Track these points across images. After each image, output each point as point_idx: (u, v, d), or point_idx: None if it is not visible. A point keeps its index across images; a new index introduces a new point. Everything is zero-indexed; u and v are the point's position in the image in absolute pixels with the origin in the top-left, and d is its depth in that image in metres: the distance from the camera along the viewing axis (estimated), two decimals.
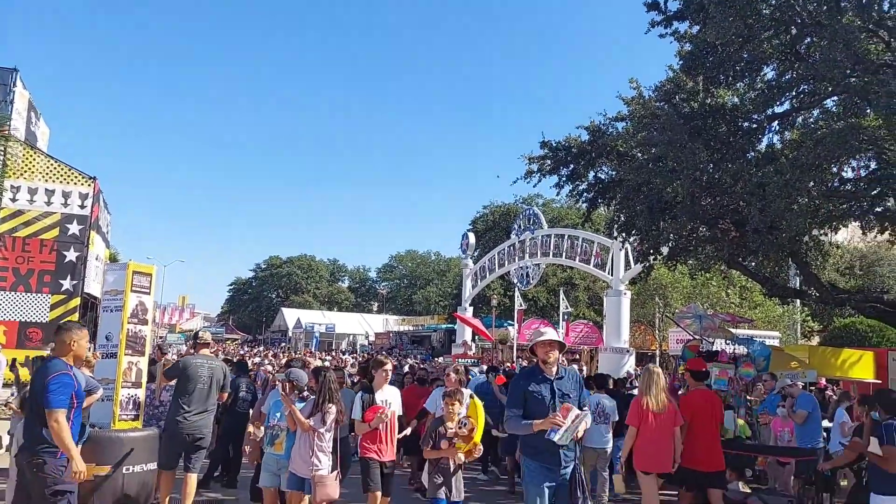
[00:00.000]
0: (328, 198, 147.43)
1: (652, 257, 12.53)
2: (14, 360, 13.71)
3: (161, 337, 39.48)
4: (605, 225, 13.35)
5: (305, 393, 6.56)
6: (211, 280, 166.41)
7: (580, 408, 5.14)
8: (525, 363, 19.78)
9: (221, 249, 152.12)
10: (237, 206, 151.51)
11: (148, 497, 6.99)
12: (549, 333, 5.34)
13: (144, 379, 7.59)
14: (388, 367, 7.11)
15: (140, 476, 6.82)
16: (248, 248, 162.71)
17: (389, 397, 6.94)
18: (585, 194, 12.62)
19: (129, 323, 7.35)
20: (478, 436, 6.34)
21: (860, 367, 12.75)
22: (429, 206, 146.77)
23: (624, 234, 12.37)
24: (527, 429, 5.01)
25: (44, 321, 16.99)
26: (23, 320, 17.01)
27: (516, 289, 31.97)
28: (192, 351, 9.74)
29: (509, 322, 37.48)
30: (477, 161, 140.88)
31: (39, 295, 17.26)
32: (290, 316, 66.19)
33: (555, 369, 5.14)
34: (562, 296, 34.08)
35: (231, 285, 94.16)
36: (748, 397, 11.43)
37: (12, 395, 11.25)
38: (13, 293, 16.99)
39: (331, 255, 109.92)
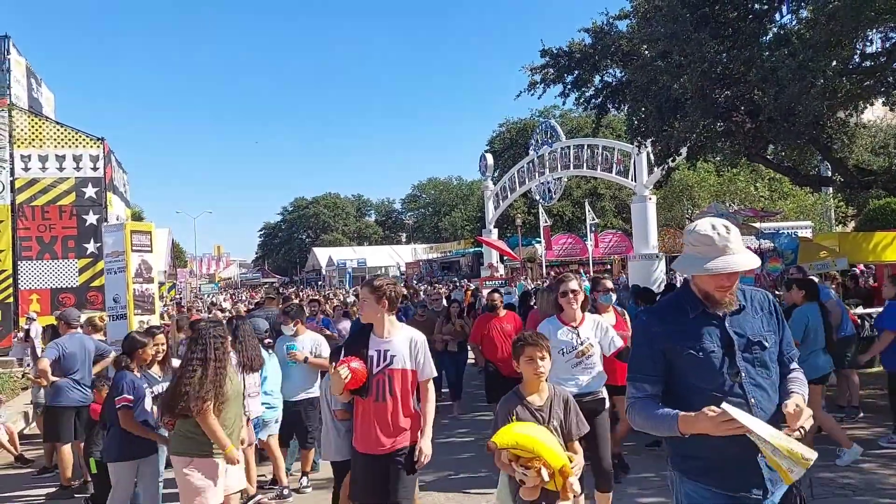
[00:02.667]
0: (347, 134, 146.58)
1: (670, 159, 12.07)
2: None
3: (196, 288, 40.20)
4: (625, 130, 12.81)
5: (267, 341, 6.39)
6: (242, 227, 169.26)
7: (786, 366, 2.63)
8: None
9: (249, 196, 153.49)
10: (259, 152, 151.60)
11: None
12: (735, 261, 2.52)
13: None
14: (365, 291, 4.07)
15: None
16: (274, 192, 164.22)
17: (394, 347, 4.02)
18: (593, 100, 12.09)
19: (134, 283, 7.33)
20: (558, 463, 3.25)
21: (893, 248, 12.31)
22: (446, 131, 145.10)
23: (639, 138, 11.90)
24: (670, 426, 2.46)
25: (74, 286, 17.23)
26: (54, 287, 17.28)
27: (540, 205, 31.59)
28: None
29: (536, 239, 37.31)
30: (488, 80, 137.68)
31: (66, 261, 17.43)
32: (322, 255, 66.93)
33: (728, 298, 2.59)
34: (587, 207, 33.62)
35: (261, 230, 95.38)
36: (776, 292, 11.16)
37: (28, 364, 11.46)
38: (41, 261, 17.21)
39: (354, 191, 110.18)
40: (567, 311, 4.94)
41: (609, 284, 6.25)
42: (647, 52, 10.66)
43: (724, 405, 2.30)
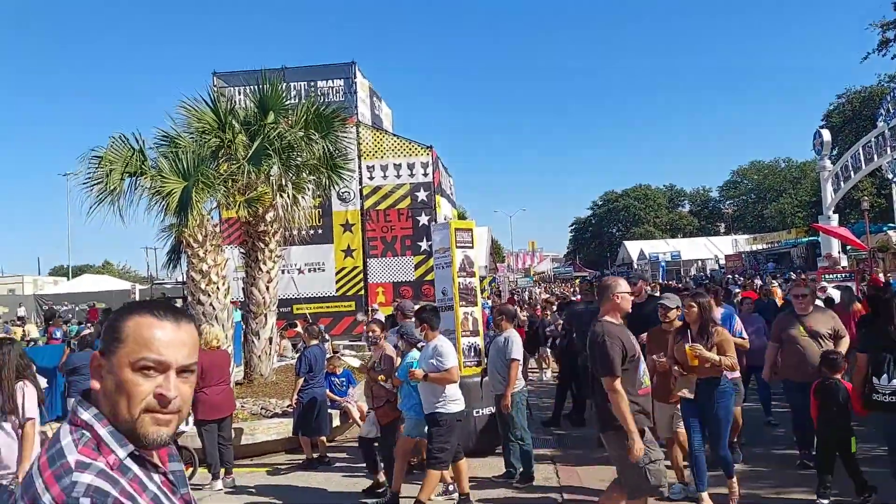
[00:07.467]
0: (655, 122, 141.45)
1: None
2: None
3: (513, 281, 42.28)
4: None
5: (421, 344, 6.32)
6: (554, 223, 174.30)
7: None
8: None
9: (559, 192, 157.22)
10: (568, 149, 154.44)
11: (492, 438, 7.47)
12: None
13: (481, 328, 8.09)
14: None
15: (487, 418, 7.36)
16: (583, 188, 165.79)
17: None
18: None
19: (458, 277, 7.87)
20: None
21: None
22: (768, 109, 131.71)
23: None
24: None
25: (411, 280, 19.38)
26: (395, 281, 19.59)
27: (893, 185, 27.02)
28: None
29: (889, 225, 31.97)
30: (821, 46, 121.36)
31: (404, 258, 19.66)
32: (633, 248, 65.82)
33: None
34: None
35: (572, 225, 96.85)
36: None
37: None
38: (384, 259, 19.67)
39: (666, 181, 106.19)
40: None
41: None
42: None
43: None
